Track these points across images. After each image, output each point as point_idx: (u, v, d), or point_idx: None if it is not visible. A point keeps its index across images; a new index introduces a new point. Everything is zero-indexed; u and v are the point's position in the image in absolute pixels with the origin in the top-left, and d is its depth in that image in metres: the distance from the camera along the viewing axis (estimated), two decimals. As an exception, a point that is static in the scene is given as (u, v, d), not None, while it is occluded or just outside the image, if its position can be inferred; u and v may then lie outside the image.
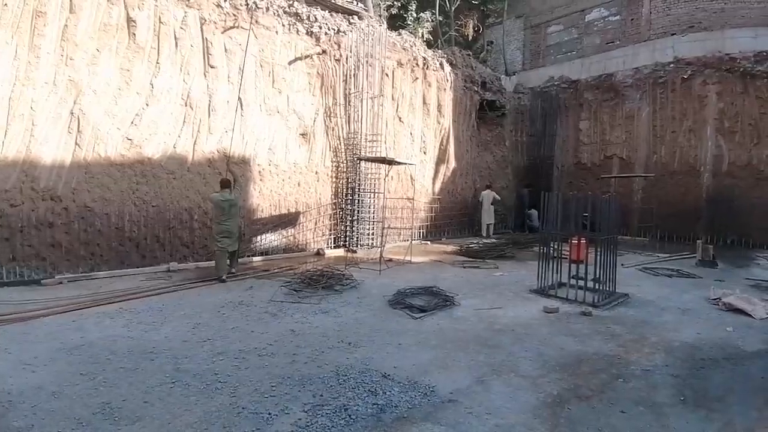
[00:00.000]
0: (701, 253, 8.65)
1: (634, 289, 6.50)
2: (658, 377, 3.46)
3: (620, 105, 14.13)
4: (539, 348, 4.07)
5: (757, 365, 3.74)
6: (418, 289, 6.04)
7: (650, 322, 4.91)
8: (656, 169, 13.11)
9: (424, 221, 12.39)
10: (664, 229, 12.34)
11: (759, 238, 11.28)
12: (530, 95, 16.18)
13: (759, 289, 6.66)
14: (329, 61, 9.80)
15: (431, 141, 12.69)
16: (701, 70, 12.42)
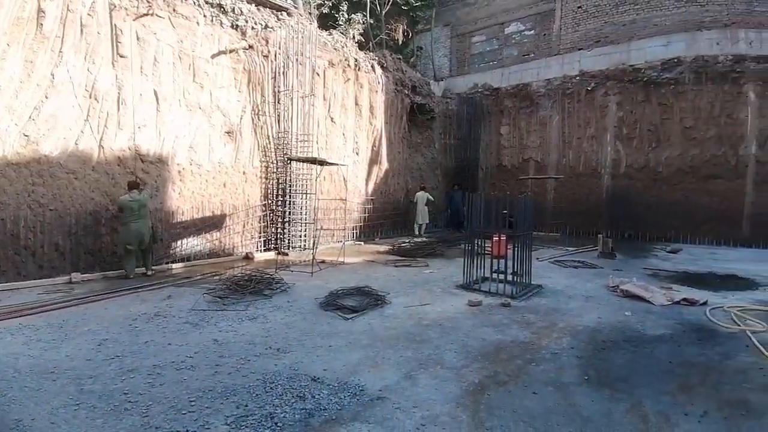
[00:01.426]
0: (602, 246, 9.74)
1: (547, 280, 7.12)
2: (565, 359, 3.83)
3: (535, 112, 15.40)
4: (464, 340, 4.29)
5: (662, 349, 4.13)
6: (350, 290, 6.05)
7: (559, 310, 5.41)
8: (565, 171, 14.49)
9: (357, 222, 12.44)
10: (572, 225, 13.70)
11: (655, 232, 12.87)
12: (457, 100, 17.00)
13: (657, 277, 7.55)
14: (257, 57, 9.45)
15: (364, 142, 12.79)
16: (604, 82, 13.95)
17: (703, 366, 3.72)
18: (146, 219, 6.94)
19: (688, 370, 3.63)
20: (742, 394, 3.18)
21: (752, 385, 3.31)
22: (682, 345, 4.22)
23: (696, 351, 4.07)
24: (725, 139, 12.05)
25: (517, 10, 16.79)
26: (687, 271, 8.01)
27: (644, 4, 13.95)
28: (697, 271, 8.11)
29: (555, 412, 2.91)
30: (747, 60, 11.73)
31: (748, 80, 11.70)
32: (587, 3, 15.11)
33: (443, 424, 2.74)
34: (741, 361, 3.81)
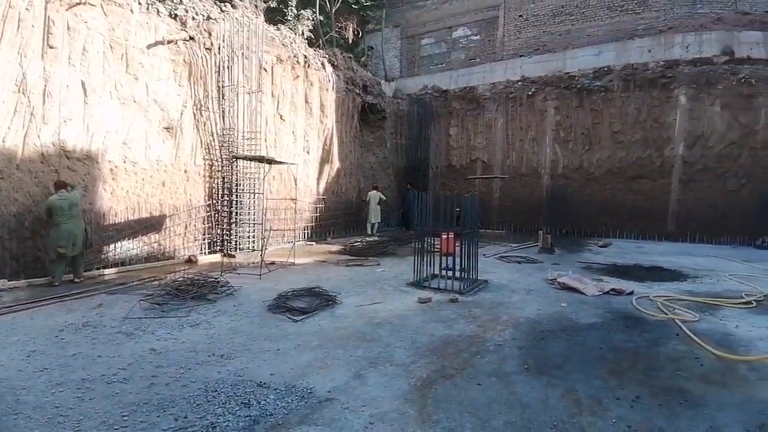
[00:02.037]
0: (542, 242, 10.34)
1: (493, 275, 7.43)
2: (508, 350, 4.01)
3: (481, 115, 16.00)
4: (413, 336, 4.36)
5: (593, 336, 4.44)
6: (300, 291, 5.94)
7: (503, 303, 5.67)
8: (509, 171, 15.21)
9: (308, 222, 12.24)
10: (516, 222, 14.45)
11: (589, 228, 13.87)
12: (408, 101, 17.24)
13: (590, 270, 8.15)
14: (198, 49, 8.98)
15: (315, 141, 12.60)
16: (543, 87, 14.79)
17: (632, 352, 4.05)
18: (78, 219, 6.42)
19: (617, 356, 3.94)
20: (678, 382, 3.40)
21: (689, 374, 3.54)
22: (611, 332, 4.57)
23: (624, 338, 4.42)
24: (651, 142, 13.21)
25: (464, 15, 17.35)
26: (616, 264, 8.71)
27: (579, 16, 14.98)
28: (624, 263, 8.83)
29: (497, 401, 3.04)
30: (680, 64, 12.76)
31: (680, 84, 12.75)
32: (527, 12, 15.95)
33: (391, 421, 2.76)
34: (673, 349, 4.12)
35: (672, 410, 2.95)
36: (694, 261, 9.17)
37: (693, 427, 2.73)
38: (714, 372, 3.57)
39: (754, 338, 4.36)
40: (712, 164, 12.39)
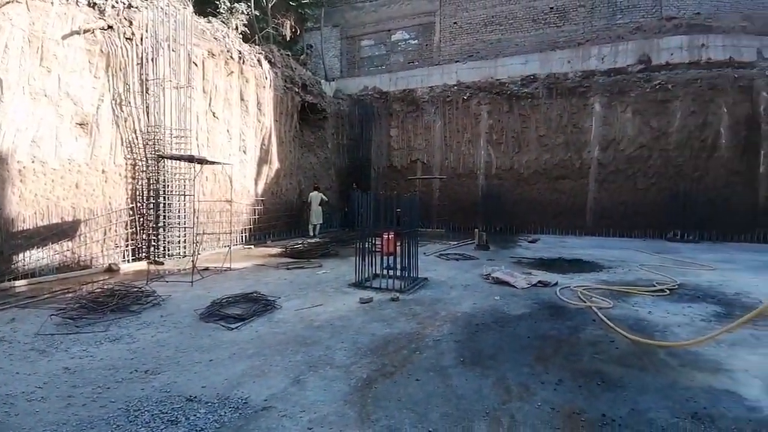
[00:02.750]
0: (478, 240, 10.85)
1: (432, 273, 7.65)
2: (445, 345, 4.15)
3: (421, 117, 16.43)
4: (354, 337, 4.36)
5: (522, 326, 4.73)
6: (236, 297, 5.67)
7: (442, 300, 5.86)
8: (448, 172, 15.80)
9: (246, 224, 11.76)
10: (455, 221, 15.03)
11: (520, 225, 14.81)
12: (349, 101, 17.22)
13: (520, 264, 8.68)
14: (118, 39, 8.26)
15: (252, 140, 12.13)
16: (477, 92, 15.52)
17: (556, 339, 4.37)
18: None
19: (543, 343, 4.23)
20: (595, 365, 3.71)
21: (605, 357, 3.87)
22: (538, 321, 4.91)
23: (549, 326, 4.77)
24: (571, 145, 14.39)
25: (402, 19, 17.70)
26: (542, 258, 9.37)
27: (507, 26, 15.93)
28: (550, 257, 9.54)
29: (435, 395, 3.13)
30: (596, 75, 14.07)
31: (595, 93, 14.07)
32: (461, 20, 16.66)
33: (330, 424, 2.73)
34: (590, 334, 4.51)
35: (591, 392, 3.22)
36: (609, 253, 10.14)
37: (614, 408, 2.96)
38: (630, 355, 3.94)
39: (669, 324, 4.85)
40: (623, 166, 13.78)
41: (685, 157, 13.10)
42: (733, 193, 12.63)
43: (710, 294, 6.20)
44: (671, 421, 2.80)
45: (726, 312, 5.26)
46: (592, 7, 14.95)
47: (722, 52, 12.85)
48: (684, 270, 8.08)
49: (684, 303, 5.71)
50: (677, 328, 4.71)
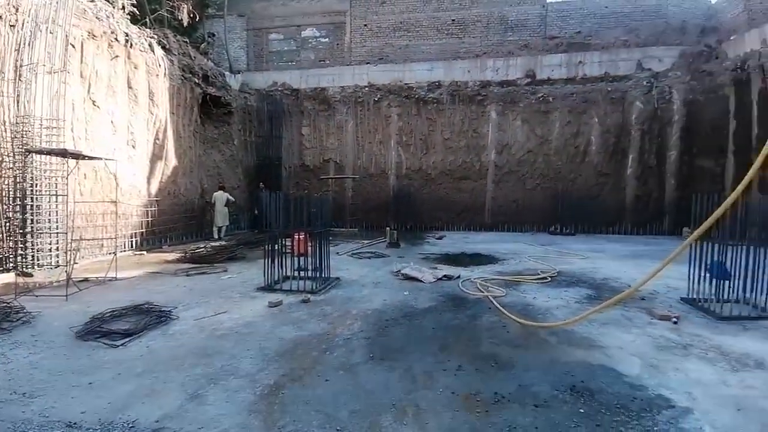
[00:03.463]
0: (389, 238, 11.18)
1: (345, 272, 7.69)
2: (355, 342, 4.21)
3: (333, 116, 16.37)
4: (261, 343, 4.19)
5: (428, 319, 4.99)
6: (123, 310, 5.06)
7: (353, 298, 5.92)
8: (360, 172, 16.01)
9: (137, 228, 10.56)
10: (368, 220, 15.31)
11: (429, 223, 15.59)
12: (257, 96, 16.45)
13: (428, 260, 9.11)
14: (3, 28, 6.90)
15: (143, 134, 10.92)
16: (387, 95, 15.95)
17: (457, 328, 4.70)
18: None
19: (446, 333, 4.52)
20: (490, 348, 4.07)
21: (498, 341, 4.26)
22: (442, 313, 5.23)
23: (452, 316, 5.11)
24: (472, 149, 15.57)
25: (313, 15, 17.43)
26: (448, 253, 10.00)
27: (414, 33, 16.65)
28: (454, 252, 10.22)
29: (344, 393, 3.15)
30: (492, 85, 15.39)
31: (492, 102, 15.37)
32: (372, 23, 16.98)
33: (233, 437, 2.59)
34: (487, 320, 4.94)
35: (486, 373, 3.53)
36: (503, 246, 11.19)
37: (504, 386, 3.29)
38: (519, 337, 4.40)
39: (550, 307, 5.51)
40: (515, 168, 15.33)
41: (562, 161, 15.03)
42: (602, 192, 14.84)
43: (583, 279, 7.20)
44: (552, 393, 3.19)
45: (596, 295, 6.15)
46: (488, 23, 16.32)
47: (598, 68, 14.94)
48: (562, 259, 9.26)
49: (562, 288, 6.55)
50: (556, 310, 5.38)
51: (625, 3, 15.82)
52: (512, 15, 16.18)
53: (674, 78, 14.27)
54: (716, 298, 5.27)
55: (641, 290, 6.08)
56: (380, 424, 2.74)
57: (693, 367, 3.64)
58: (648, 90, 14.42)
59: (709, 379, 3.39)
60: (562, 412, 2.90)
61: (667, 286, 6.32)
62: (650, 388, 3.27)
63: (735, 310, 5.07)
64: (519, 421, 2.79)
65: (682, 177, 14.27)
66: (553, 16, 16.01)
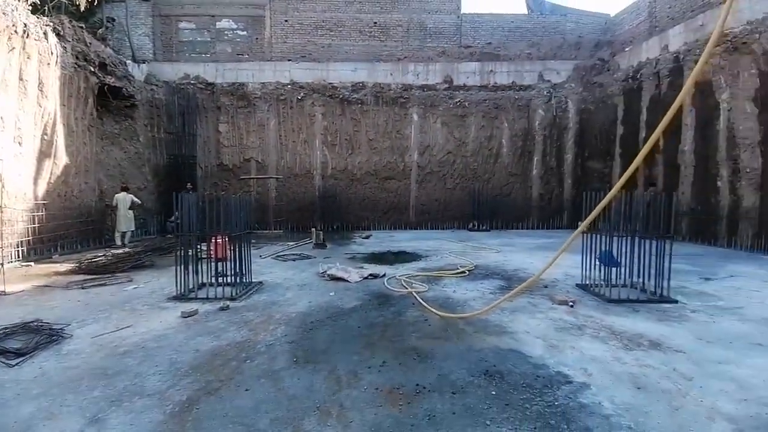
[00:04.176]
0: (315, 239, 11.03)
1: (268, 275, 7.42)
2: (278, 348, 4.09)
3: (253, 114, 15.68)
4: (173, 357, 3.88)
5: (354, 318, 5.01)
6: (9, 329, 4.37)
7: (277, 302, 5.74)
8: (284, 171, 15.57)
9: (23, 236, 9.13)
10: (293, 221, 14.95)
11: (355, 222, 15.68)
12: (166, 89, 15.15)
13: (355, 260, 9.14)
14: None
15: (30, 129, 9.47)
16: (311, 93, 15.69)
17: (382, 325, 4.79)
18: None
19: (371, 331, 4.58)
20: (412, 342, 4.22)
21: (420, 335, 4.43)
22: (367, 311, 5.29)
23: (377, 314, 5.20)
24: (396, 149, 15.97)
25: (229, 6, 16.52)
26: (374, 252, 10.16)
27: (337, 33, 16.60)
28: (380, 251, 10.40)
29: (265, 401, 3.04)
30: (413, 88, 15.90)
31: (413, 104, 15.89)
32: (293, 19, 16.57)
33: (139, 462, 2.37)
34: (410, 316, 5.10)
35: (409, 366, 3.65)
36: (427, 244, 11.66)
37: (425, 377, 3.43)
38: (439, 329, 4.62)
39: (468, 299, 5.87)
40: (436, 168, 16.06)
41: (478, 162, 16.10)
42: (513, 191, 16.18)
43: (496, 272, 7.78)
44: (468, 379, 3.40)
45: (508, 285, 6.67)
46: (408, 28, 16.84)
47: (507, 77, 16.20)
48: (479, 254, 9.91)
49: (478, 281, 7.02)
50: (473, 301, 5.75)
51: (529, 19, 17.40)
52: (430, 22, 16.88)
53: (569, 89, 16.05)
54: (605, 283, 6.03)
55: (545, 279, 6.76)
56: (303, 429, 2.70)
57: (587, 346, 4.12)
58: (548, 99, 16.03)
59: (602, 357, 3.85)
60: (476, 396, 3.10)
61: (566, 274, 7.09)
62: (551, 366, 3.64)
63: (623, 293, 5.84)
64: (438, 408, 2.93)
65: (577, 177, 16.12)
66: (467, 26, 17.02)
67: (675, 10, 13.18)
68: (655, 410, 2.90)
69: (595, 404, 3.00)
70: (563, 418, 2.80)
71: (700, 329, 4.59)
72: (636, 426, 2.71)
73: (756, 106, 9.99)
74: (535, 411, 2.90)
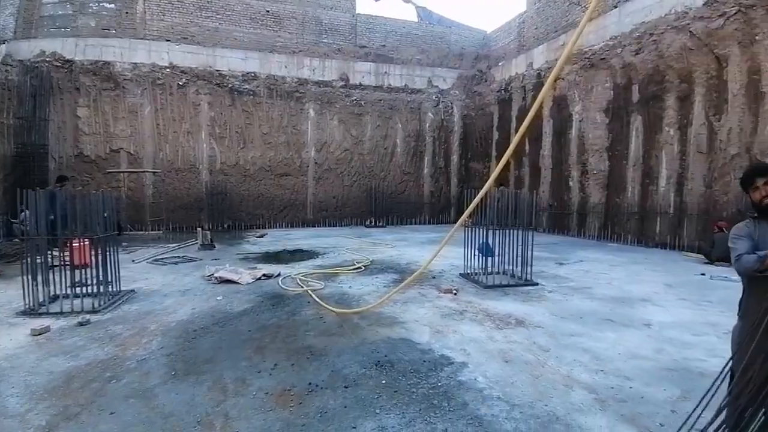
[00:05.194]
0: (201, 239, 10.16)
1: (143, 282, 6.61)
2: (153, 362, 3.67)
3: (122, 97, 13.76)
4: (27, 379, 3.25)
5: (244, 321, 4.72)
6: None
7: (152, 312, 5.14)
8: (163, 165, 13.98)
9: None
10: (175, 220, 13.55)
11: (248, 221, 14.85)
12: (20, 69, 12.44)
13: (247, 260, 8.64)
14: None
15: None
16: (194, 80, 14.34)
17: (275, 326, 4.63)
18: None
19: (263, 334, 4.39)
20: (306, 341, 4.14)
21: (314, 332, 4.38)
22: (259, 313, 5.07)
23: (270, 315, 5.00)
24: (292, 145, 15.53)
25: (91, -27, 14.19)
26: (268, 251, 9.76)
27: (225, 16, 15.45)
28: (275, 249, 10.05)
29: (134, 424, 2.71)
30: (309, 84, 15.57)
31: (309, 100, 15.58)
32: (172, -5, 14.95)
33: None
34: (305, 314, 5.01)
35: (302, 366, 3.59)
36: (324, 241, 11.61)
37: (318, 375, 3.41)
38: (334, 326, 4.63)
39: (363, 293, 5.98)
40: (334, 165, 16.09)
41: (374, 161, 16.58)
42: (407, 188, 17.03)
43: (391, 266, 8.11)
44: (360, 372, 3.48)
45: (401, 278, 6.98)
46: (303, 21, 16.47)
47: (400, 80, 16.88)
48: (375, 249, 10.22)
49: (374, 275, 7.23)
50: (368, 296, 5.91)
51: (419, 27, 18.43)
52: (326, 18, 16.77)
53: (454, 96, 17.46)
54: (483, 271, 6.72)
55: (433, 270, 7.27)
56: (182, 446, 2.47)
57: (466, 329, 4.54)
58: (437, 104, 17.23)
59: (478, 337, 4.29)
60: (368, 387, 3.20)
61: (452, 265, 7.72)
62: (436, 350, 3.93)
63: (497, 280, 6.56)
64: (330, 404, 2.95)
65: (462, 176, 17.69)
66: (362, 26, 17.32)
67: (540, 31, 15.21)
68: (519, 380, 3.34)
69: (472, 380, 3.33)
70: (445, 397, 3.05)
71: (555, 307, 5.41)
72: (504, 395, 3.08)
73: (606, 116, 11.94)
74: (420, 394, 3.10)
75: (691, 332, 4.47)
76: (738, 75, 8.71)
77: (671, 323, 4.76)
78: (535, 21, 15.46)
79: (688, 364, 3.67)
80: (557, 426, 2.69)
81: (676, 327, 4.63)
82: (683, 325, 4.68)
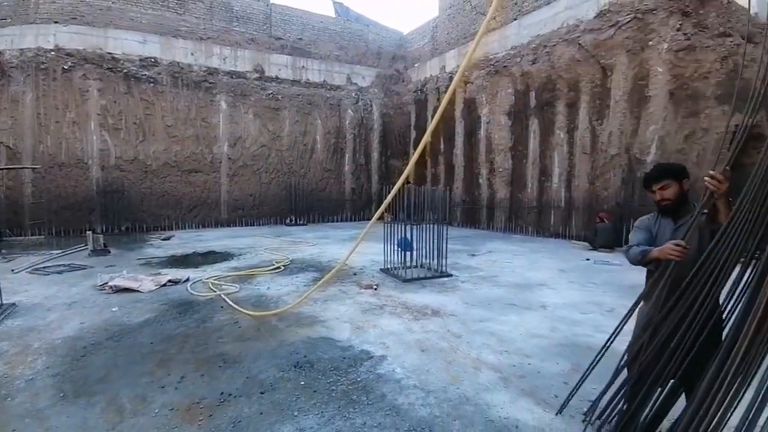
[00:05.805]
0: (93, 244, 8.99)
1: (23, 295, 5.68)
2: (40, 383, 3.17)
3: (6, 87, 11.71)
4: None
5: (145, 333, 4.27)
6: None
7: (35, 328, 4.42)
8: (44, 160, 12.10)
9: None
10: (59, 223, 11.84)
11: (151, 222, 13.47)
12: None
13: (150, 265, 7.83)
14: None
15: None
16: (82, 63, 12.60)
17: (182, 336, 4.27)
18: None
19: (168, 345, 4.03)
20: (218, 348, 3.88)
21: (229, 338, 4.12)
22: (164, 323, 4.64)
23: (176, 324, 4.61)
24: (202, 139, 14.43)
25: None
26: (175, 255, 8.98)
27: (119, -6, 13.79)
28: (184, 252, 9.28)
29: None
30: (220, 73, 14.54)
31: (221, 91, 14.56)
32: (53, -34, 12.92)
33: None
34: (217, 320, 4.69)
35: (213, 376, 3.36)
36: (240, 241, 11.02)
37: (231, 383, 3.22)
38: (250, 330, 4.41)
39: (282, 294, 5.78)
40: (250, 162, 15.31)
41: (294, 157, 16.13)
42: (328, 185, 16.85)
43: (312, 264, 7.97)
44: (278, 375, 3.37)
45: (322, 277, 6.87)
46: (211, 6, 15.34)
47: (318, 75, 16.58)
48: (295, 248, 9.97)
49: (293, 275, 7.05)
50: (287, 296, 5.74)
51: (337, 22, 18.29)
52: (237, 5, 15.82)
53: (373, 94, 17.69)
54: (402, 265, 6.93)
55: (354, 267, 7.32)
56: (67, 480, 2.18)
57: (386, 322, 4.65)
58: (356, 101, 17.30)
59: (397, 329, 4.41)
60: (286, 390, 3.11)
61: (372, 261, 7.83)
62: (356, 346, 3.96)
63: (416, 273, 6.81)
64: (245, 412, 2.81)
65: (382, 173, 18.01)
66: (277, 17, 16.68)
67: (452, 36, 16.04)
68: (434, 367, 3.51)
69: (390, 372, 3.42)
70: (363, 391, 3.09)
71: (467, 296, 5.78)
72: (420, 383, 3.22)
73: (509, 119, 13.04)
74: (340, 391, 3.10)
75: (579, 311, 5.09)
76: (622, 82, 9.98)
77: (563, 304, 5.37)
78: (447, 26, 16.28)
79: (577, 339, 4.17)
80: (467, 407, 2.88)
81: (567, 307, 5.24)
82: (573, 305, 5.31)
